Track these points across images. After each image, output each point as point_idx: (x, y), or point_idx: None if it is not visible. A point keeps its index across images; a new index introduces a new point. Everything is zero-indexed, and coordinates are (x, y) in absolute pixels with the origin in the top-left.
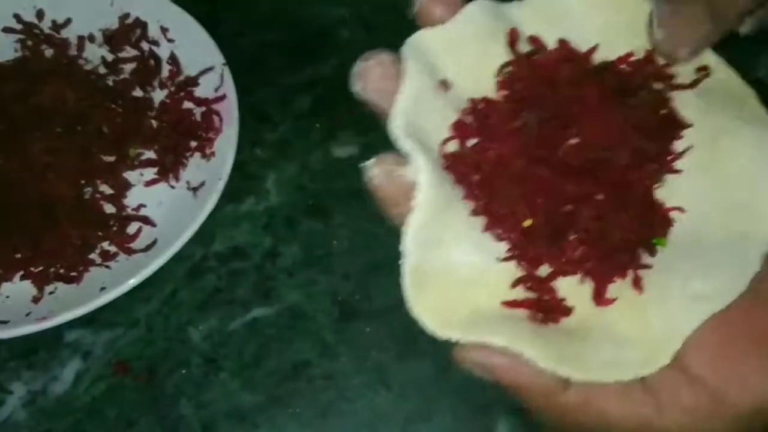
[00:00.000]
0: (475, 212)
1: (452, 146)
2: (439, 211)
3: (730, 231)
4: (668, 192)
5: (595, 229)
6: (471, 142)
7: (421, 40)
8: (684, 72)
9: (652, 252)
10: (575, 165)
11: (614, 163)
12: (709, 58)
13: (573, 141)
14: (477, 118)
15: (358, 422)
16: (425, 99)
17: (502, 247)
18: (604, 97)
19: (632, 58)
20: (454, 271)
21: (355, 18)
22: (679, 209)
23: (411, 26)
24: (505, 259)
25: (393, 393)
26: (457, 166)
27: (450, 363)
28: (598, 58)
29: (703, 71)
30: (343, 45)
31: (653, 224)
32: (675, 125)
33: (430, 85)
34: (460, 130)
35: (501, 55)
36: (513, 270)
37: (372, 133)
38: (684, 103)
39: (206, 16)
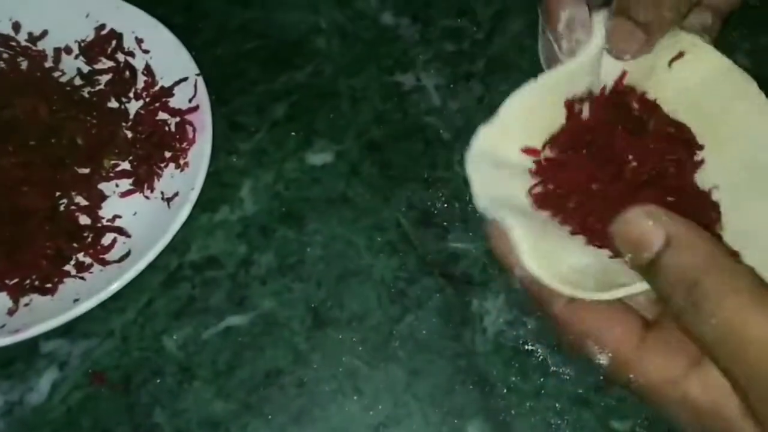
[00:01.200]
0: (574, 232)
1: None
2: (538, 236)
3: None
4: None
5: None
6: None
7: (477, 144)
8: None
9: None
10: (639, 181)
11: (665, 172)
12: (690, 40)
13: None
14: (552, 166)
15: (330, 428)
16: (491, 180)
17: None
18: (627, 138)
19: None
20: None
21: (330, 26)
22: (713, 187)
23: (386, 35)
24: (613, 257)
25: (365, 398)
26: (550, 201)
27: (421, 368)
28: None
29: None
30: (319, 53)
31: (708, 215)
32: (690, 142)
33: (490, 169)
34: (541, 176)
35: (544, 126)
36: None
37: (347, 140)
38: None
39: (181, 26)
